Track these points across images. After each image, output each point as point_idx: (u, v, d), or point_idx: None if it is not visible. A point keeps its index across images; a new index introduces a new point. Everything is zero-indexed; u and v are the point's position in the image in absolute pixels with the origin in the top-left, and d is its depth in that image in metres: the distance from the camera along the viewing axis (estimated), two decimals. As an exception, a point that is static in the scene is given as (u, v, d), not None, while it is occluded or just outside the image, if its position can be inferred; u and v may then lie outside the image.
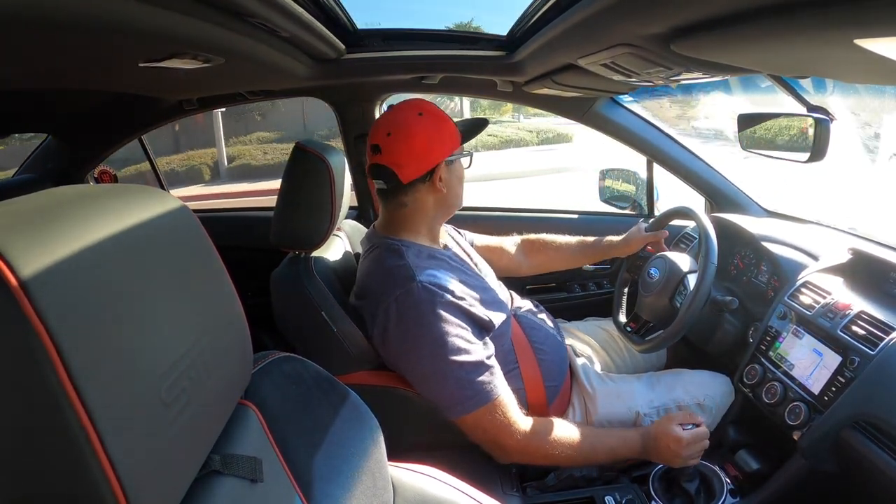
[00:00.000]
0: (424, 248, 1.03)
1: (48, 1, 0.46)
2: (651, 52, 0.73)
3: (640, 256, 1.32)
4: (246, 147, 10.48)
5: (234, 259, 0.62)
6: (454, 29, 4.67)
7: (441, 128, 1.00)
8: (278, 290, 1.06)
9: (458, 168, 1.07)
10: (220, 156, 10.00)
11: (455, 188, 1.06)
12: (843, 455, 0.88)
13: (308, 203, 1.03)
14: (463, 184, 1.09)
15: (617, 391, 1.12)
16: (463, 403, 0.91)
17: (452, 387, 0.91)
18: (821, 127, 0.97)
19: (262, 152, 10.15)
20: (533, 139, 12.00)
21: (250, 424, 0.50)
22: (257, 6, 0.67)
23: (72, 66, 0.84)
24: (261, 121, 11.23)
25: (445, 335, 0.91)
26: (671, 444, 0.94)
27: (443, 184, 1.01)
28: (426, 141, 0.99)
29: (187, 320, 0.40)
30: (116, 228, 0.36)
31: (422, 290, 0.92)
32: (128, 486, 0.31)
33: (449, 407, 0.93)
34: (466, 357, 0.91)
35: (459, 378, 0.90)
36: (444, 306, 0.92)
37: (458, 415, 0.92)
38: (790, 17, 0.45)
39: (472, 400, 0.91)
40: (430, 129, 0.99)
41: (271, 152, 10.12)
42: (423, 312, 0.91)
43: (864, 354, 0.89)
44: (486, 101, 11.57)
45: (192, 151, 10.08)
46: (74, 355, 0.29)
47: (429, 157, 0.99)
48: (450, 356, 0.90)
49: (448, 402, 0.92)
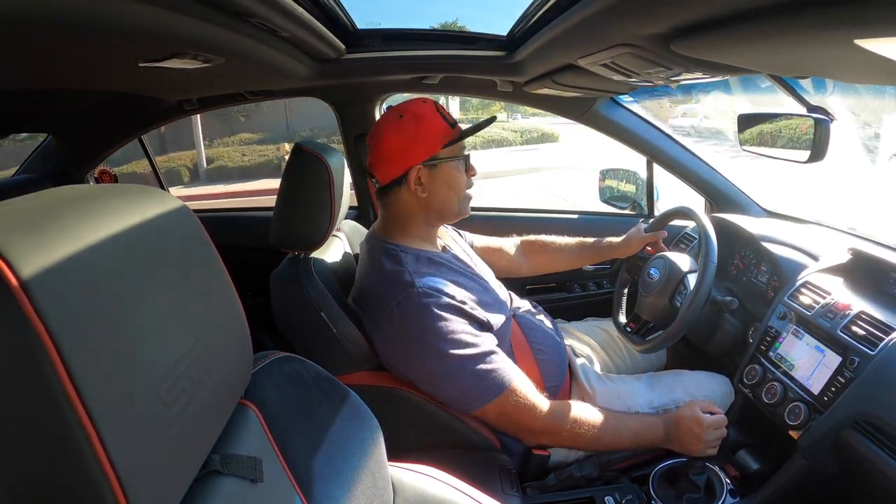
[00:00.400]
0: (423, 253, 1.03)
1: (48, 1, 0.46)
2: (651, 52, 0.73)
3: (639, 257, 1.32)
4: (227, 149, 10.51)
5: (234, 259, 0.62)
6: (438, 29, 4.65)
7: (419, 130, 0.98)
8: (278, 291, 1.06)
9: (447, 172, 1.01)
10: (199, 158, 10.02)
11: (440, 193, 1.01)
12: (843, 455, 0.88)
13: (307, 204, 1.03)
14: (458, 190, 1.03)
15: (616, 391, 1.12)
16: (481, 395, 0.92)
17: (467, 381, 0.91)
18: (821, 127, 0.97)
19: (240, 154, 10.19)
20: (516, 139, 12.06)
21: (250, 424, 0.50)
22: (257, 6, 0.67)
23: (72, 66, 0.84)
24: (245, 122, 11.27)
25: (450, 333, 0.91)
26: (693, 427, 0.95)
27: (422, 188, 1.00)
28: (399, 143, 0.98)
29: (187, 320, 0.40)
30: (116, 228, 0.36)
31: (421, 294, 0.92)
32: (128, 485, 0.31)
33: (468, 402, 0.93)
34: (474, 350, 0.92)
35: (472, 371, 0.91)
36: (444, 308, 0.93)
37: (479, 406, 0.93)
38: (790, 18, 0.45)
39: (490, 390, 0.92)
40: (406, 131, 0.98)
41: (249, 154, 10.19)
42: (425, 316, 0.92)
43: (864, 354, 0.89)
44: (476, 101, 11.62)
45: (172, 153, 10.10)
46: (74, 355, 0.29)
47: (401, 159, 0.98)
48: (458, 352, 0.91)
49: (466, 397, 0.93)
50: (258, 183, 8.66)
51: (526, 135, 12.38)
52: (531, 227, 1.47)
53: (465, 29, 1.47)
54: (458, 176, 1.03)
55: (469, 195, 1.07)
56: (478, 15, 26.09)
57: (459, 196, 1.04)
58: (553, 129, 13.20)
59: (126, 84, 1.15)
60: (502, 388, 0.92)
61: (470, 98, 9.50)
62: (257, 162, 9.98)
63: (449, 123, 1.02)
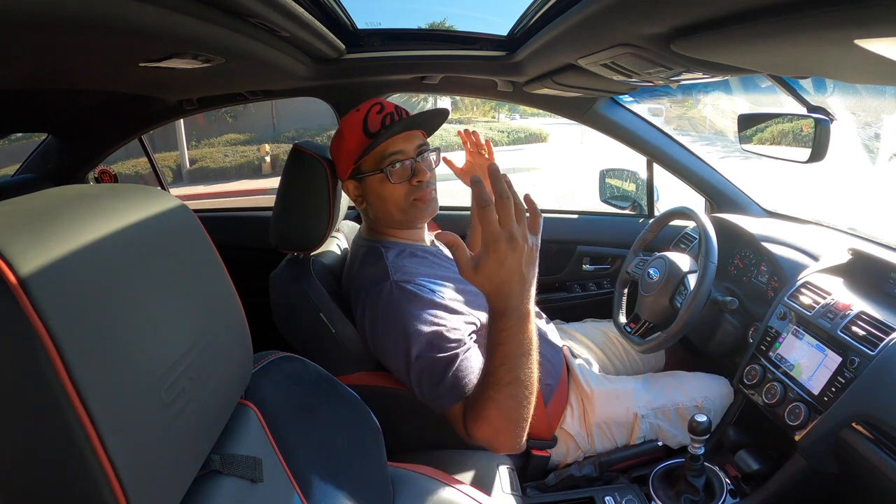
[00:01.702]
0: (407, 246, 1.01)
1: (48, 1, 0.46)
2: (651, 53, 0.73)
3: (640, 257, 1.32)
4: (212, 149, 10.54)
5: (234, 259, 0.62)
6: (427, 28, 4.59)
7: (338, 146, 0.99)
8: (277, 292, 1.06)
9: (373, 185, 0.97)
10: (182, 158, 10.05)
11: (375, 204, 0.99)
12: (843, 455, 0.88)
13: (306, 205, 1.03)
14: (391, 199, 0.97)
15: (615, 392, 1.12)
16: (444, 397, 0.86)
17: (434, 379, 0.86)
18: (821, 127, 0.97)
19: (223, 155, 10.23)
20: (503, 139, 12.07)
21: (250, 424, 0.50)
22: (257, 6, 0.67)
23: (72, 66, 0.84)
24: (232, 123, 11.34)
25: (421, 329, 0.86)
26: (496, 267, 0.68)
27: (360, 199, 1.01)
28: (334, 158, 1.01)
29: (187, 320, 0.40)
30: (116, 228, 0.36)
31: (394, 288, 0.90)
32: (128, 485, 0.31)
33: (433, 401, 0.88)
34: (445, 349, 0.86)
35: (436, 372, 0.86)
36: (418, 304, 0.89)
37: (444, 408, 0.87)
38: (790, 18, 0.45)
39: (452, 393, 0.85)
40: (333, 147, 1.01)
41: (232, 154, 10.20)
42: (395, 311, 0.89)
43: (864, 355, 0.89)
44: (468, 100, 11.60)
45: (158, 154, 10.14)
46: (74, 355, 0.29)
47: (337, 170, 1.02)
48: (428, 350, 0.86)
49: (430, 396, 0.88)
50: (236, 184, 8.72)
51: (513, 135, 12.39)
52: None
53: (453, 29, 1.46)
54: (386, 187, 0.97)
55: (421, 199, 0.98)
56: (477, 15, 26.09)
57: (396, 204, 0.98)
58: (541, 130, 13.22)
59: (126, 84, 1.15)
60: (459, 398, 0.84)
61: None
62: (237, 163, 10.03)
63: (366, 133, 0.96)
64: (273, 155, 9.93)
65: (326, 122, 9.62)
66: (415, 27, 1.29)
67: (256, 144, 10.54)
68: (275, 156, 9.92)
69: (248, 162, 10.04)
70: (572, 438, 1.07)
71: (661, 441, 1.09)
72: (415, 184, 0.97)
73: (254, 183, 8.73)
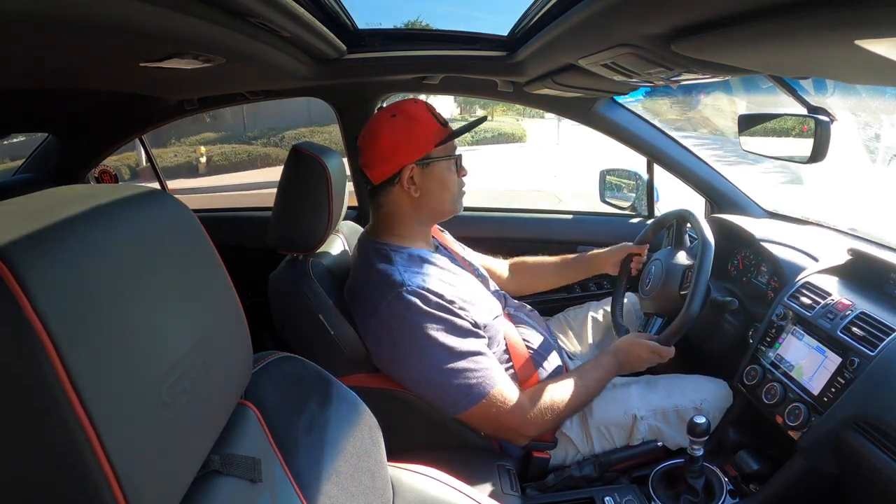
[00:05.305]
0: (415, 252, 1.02)
1: (48, 1, 0.46)
2: (652, 53, 0.73)
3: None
4: (176, 148, 10.76)
5: (234, 259, 0.62)
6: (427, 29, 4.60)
7: (412, 129, 0.99)
8: (276, 293, 1.06)
9: (440, 171, 1.02)
10: (139, 157, 10.30)
11: (434, 192, 1.02)
12: (843, 456, 0.88)
13: (305, 205, 1.03)
14: (451, 188, 1.04)
15: (614, 395, 1.11)
16: (462, 400, 0.92)
17: (449, 385, 0.91)
18: (821, 128, 0.97)
19: (172, 154, 10.48)
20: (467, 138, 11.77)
21: (250, 424, 0.50)
22: (258, 6, 0.67)
23: (72, 66, 0.84)
24: (210, 122, 11.57)
25: (435, 336, 0.91)
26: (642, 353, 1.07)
27: (415, 187, 1.00)
28: (391, 143, 0.99)
29: (187, 320, 0.40)
30: (116, 228, 0.36)
31: (410, 295, 0.92)
32: (127, 486, 0.31)
33: (450, 405, 0.93)
34: (459, 354, 0.91)
35: (454, 376, 0.91)
36: (432, 309, 0.92)
37: (461, 411, 0.93)
38: (791, 18, 0.45)
39: (470, 396, 0.91)
40: (399, 130, 0.99)
41: (181, 155, 10.47)
42: (411, 317, 0.92)
43: (864, 355, 0.88)
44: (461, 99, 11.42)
45: (122, 153, 10.31)
46: (74, 355, 0.29)
47: (394, 158, 0.99)
48: (441, 355, 0.90)
49: (447, 400, 0.93)
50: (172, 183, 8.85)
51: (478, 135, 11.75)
52: (527, 227, 1.46)
53: (429, 27, 1.47)
54: (451, 175, 1.04)
55: (462, 192, 1.09)
56: (477, 14, 26.03)
57: (452, 194, 1.05)
58: (514, 130, 12.61)
59: (126, 84, 1.15)
60: (482, 396, 0.91)
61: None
62: (177, 163, 10.25)
63: (440, 123, 1.02)
64: (209, 156, 10.47)
65: (296, 122, 9.90)
66: (411, 22, 1.28)
67: (225, 143, 10.91)
68: (210, 157, 10.46)
69: (188, 162, 10.37)
70: (571, 441, 1.07)
71: (660, 442, 1.09)
72: (461, 176, 1.07)
73: (187, 182, 9.09)
